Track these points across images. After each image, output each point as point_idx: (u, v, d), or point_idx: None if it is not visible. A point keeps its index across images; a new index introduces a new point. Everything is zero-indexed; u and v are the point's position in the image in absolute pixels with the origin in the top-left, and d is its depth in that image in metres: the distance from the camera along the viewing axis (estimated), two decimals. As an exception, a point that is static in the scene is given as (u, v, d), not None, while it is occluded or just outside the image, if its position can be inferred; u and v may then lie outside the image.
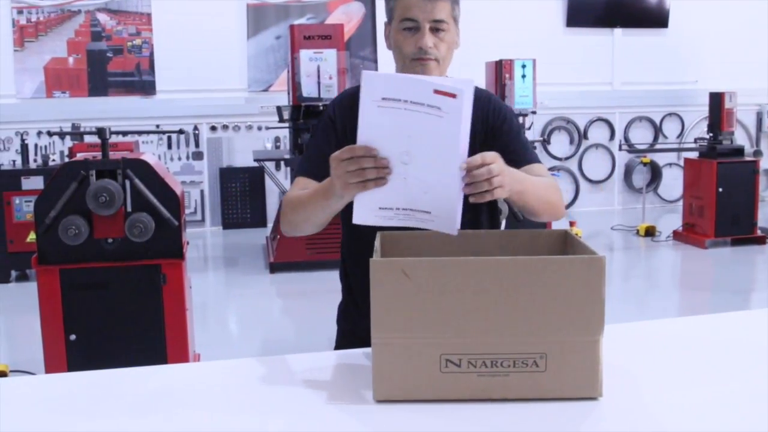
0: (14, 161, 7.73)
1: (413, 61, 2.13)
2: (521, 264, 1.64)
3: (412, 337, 1.64)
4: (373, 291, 1.64)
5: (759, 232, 8.35)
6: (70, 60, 9.51)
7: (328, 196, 1.96)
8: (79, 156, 4.30)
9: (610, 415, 1.62)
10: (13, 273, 7.29)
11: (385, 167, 1.75)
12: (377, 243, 1.85)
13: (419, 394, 1.66)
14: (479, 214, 2.30)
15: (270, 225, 9.38)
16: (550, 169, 2.29)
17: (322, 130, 2.27)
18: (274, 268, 7.53)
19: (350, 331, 2.39)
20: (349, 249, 2.36)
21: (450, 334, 1.64)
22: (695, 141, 9.02)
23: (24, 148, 7.58)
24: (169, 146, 9.83)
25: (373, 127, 1.75)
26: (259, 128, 9.89)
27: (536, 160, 2.31)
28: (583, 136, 10.87)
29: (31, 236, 3.77)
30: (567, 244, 1.93)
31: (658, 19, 10.83)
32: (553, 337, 1.64)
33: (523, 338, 1.64)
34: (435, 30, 2.11)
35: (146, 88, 9.69)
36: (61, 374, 2.09)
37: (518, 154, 2.27)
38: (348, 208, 1.96)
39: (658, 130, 11.07)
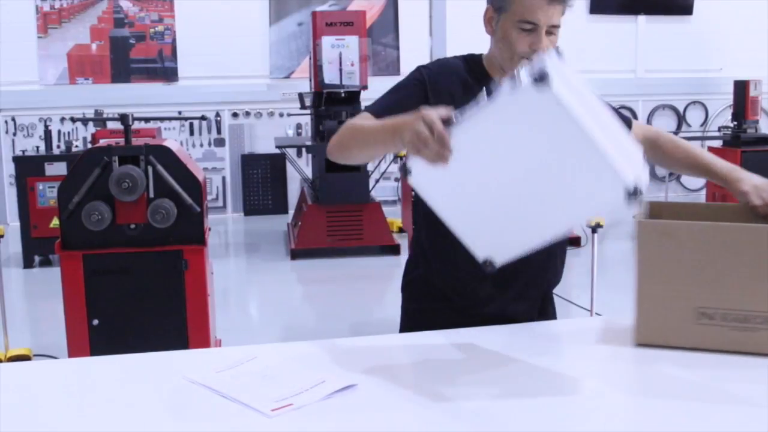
0: (38, 147, 7.78)
1: (522, 60, 2.08)
2: None
3: (671, 290, 1.86)
4: (639, 248, 1.88)
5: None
6: (93, 47, 9.55)
7: (394, 135, 1.85)
8: (102, 142, 4.33)
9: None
10: (37, 258, 7.34)
11: (444, 154, 1.67)
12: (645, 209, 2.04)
13: (675, 341, 1.87)
14: None
15: (291, 211, 9.40)
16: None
17: (411, 85, 2.24)
18: (295, 254, 7.55)
19: (421, 309, 2.34)
20: (429, 231, 2.28)
21: (705, 290, 1.84)
22: (719, 129, 8.94)
23: (47, 135, 7.62)
24: (191, 133, 9.86)
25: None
26: (281, 115, 9.90)
27: (629, 119, 2.34)
28: (606, 124, 10.78)
29: (55, 222, 3.79)
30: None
31: (682, 7, 10.72)
32: None
33: None
34: (548, 33, 2.08)
35: (168, 74, 9.72)
36: (83, 358, 2.11)
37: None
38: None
39: (681, 119, 10.98)
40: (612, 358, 1.87)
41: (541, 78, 1.51)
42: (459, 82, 2.20)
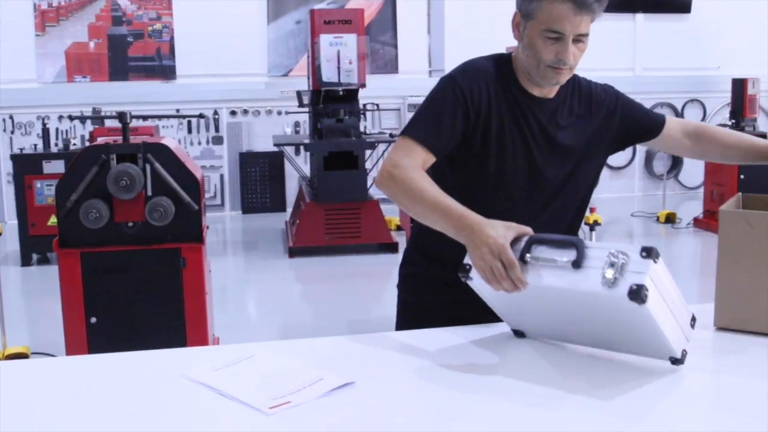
0: (36, 145, 7.77)
1: (548, 68, 2.07)
2: None
3: (750, 276, 1.94)
4: (721, 236, 1.98)
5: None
6: (91, 44, 9.54)
7: (457, 232, 1.86)
8: (100, 140, 4.32)
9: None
10: (35, 256, 7.34)
11: (513, 291, 1.75)
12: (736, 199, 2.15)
13: (754, 327, 1.95)
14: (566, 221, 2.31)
15: (289, 209, 9.40)
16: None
17: (450, 101, 2.13)
18: (293, 252, 7.55)
19: (418, 301, 2.34)
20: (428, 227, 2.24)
21: None
22: (717, 127, 8.94)
23: (45, 133, 7.62)
24: (189, 131, 9.85)
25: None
26: (279, 113, 9.90)
27: (663, 116, 2.38)
28: (604, 122, 10.78)
29: (53, 220, 3.79)
30: None
31: (680, 5, 10.72)
32: None
33: None
34: (576, 41, 2.06)
35: (166, 72, 9.71)
36: (81, 356, 2.11)
37: (650, 122, 2.36)
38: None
39: (679, 117, 10.98)
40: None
41: (642, 300, 1.61)
42: (493, 88, 2.16)
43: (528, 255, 1.74)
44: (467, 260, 1.82)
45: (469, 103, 2.12)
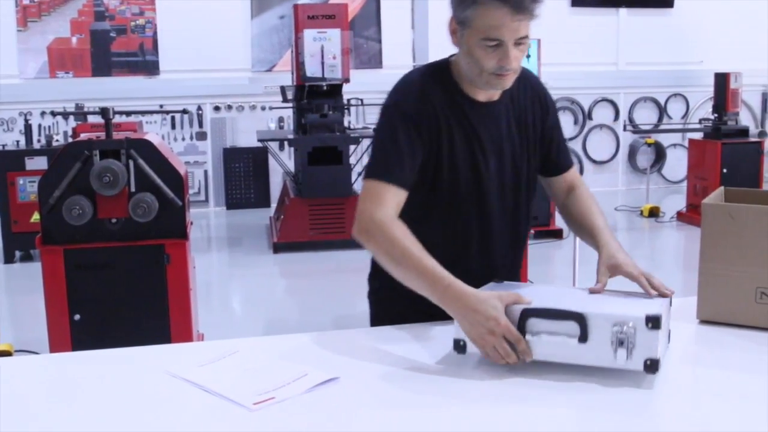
0: (18, 141, 7.72)
1: (492, 75, 1.99)
2: None
3: (732, 269, 1.96)
4: (704, 229, 2.01)
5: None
6: (74, 40, 9.49)
7: (441, 302, 1.83)
8: (83, 136, 4.30)
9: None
10: (18, 253, 7.30)
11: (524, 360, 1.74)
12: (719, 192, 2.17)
13: (736, 319, 1.98)
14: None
15: (273, 205, 9.39)
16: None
17: (402, 130, 2.04)
18: (278, 248, 7.54)
19: (389, 316, 2.24)
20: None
21: (766, 270, 1.93)
22: (700, 122, 8.99)
23: (27, 129, 7.57)
24: (173, 126, 9.82)
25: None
26: (263, 108, 9.87)
27: (571, 163, 2.38)
28: (588, 116, 10.83)
29: (35, 216, 3.77)
30: None
31: (663, -1, 10.77)
32: None
33: None
34: (516, 44, 1.97)
35: (150, 68, 9.67)
36: (65, 354, 2.11)
37: (564, 157, 2.34)
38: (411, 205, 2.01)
39: (662, 111, 11.02)
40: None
41: (657, 370, 1.66)
42: (438, 103, 2.08)
43: (528, 334, 1.72)
44: (459, 335, 1.77)
45: (421, 125, 2.05)
